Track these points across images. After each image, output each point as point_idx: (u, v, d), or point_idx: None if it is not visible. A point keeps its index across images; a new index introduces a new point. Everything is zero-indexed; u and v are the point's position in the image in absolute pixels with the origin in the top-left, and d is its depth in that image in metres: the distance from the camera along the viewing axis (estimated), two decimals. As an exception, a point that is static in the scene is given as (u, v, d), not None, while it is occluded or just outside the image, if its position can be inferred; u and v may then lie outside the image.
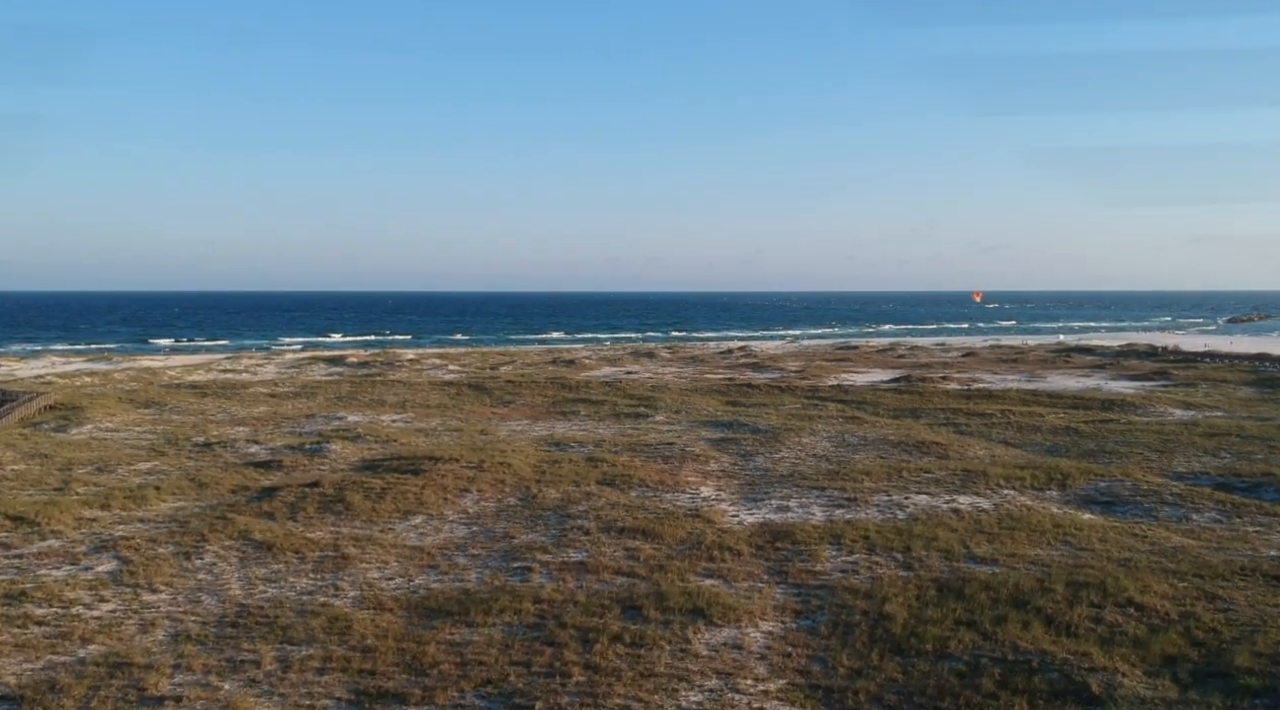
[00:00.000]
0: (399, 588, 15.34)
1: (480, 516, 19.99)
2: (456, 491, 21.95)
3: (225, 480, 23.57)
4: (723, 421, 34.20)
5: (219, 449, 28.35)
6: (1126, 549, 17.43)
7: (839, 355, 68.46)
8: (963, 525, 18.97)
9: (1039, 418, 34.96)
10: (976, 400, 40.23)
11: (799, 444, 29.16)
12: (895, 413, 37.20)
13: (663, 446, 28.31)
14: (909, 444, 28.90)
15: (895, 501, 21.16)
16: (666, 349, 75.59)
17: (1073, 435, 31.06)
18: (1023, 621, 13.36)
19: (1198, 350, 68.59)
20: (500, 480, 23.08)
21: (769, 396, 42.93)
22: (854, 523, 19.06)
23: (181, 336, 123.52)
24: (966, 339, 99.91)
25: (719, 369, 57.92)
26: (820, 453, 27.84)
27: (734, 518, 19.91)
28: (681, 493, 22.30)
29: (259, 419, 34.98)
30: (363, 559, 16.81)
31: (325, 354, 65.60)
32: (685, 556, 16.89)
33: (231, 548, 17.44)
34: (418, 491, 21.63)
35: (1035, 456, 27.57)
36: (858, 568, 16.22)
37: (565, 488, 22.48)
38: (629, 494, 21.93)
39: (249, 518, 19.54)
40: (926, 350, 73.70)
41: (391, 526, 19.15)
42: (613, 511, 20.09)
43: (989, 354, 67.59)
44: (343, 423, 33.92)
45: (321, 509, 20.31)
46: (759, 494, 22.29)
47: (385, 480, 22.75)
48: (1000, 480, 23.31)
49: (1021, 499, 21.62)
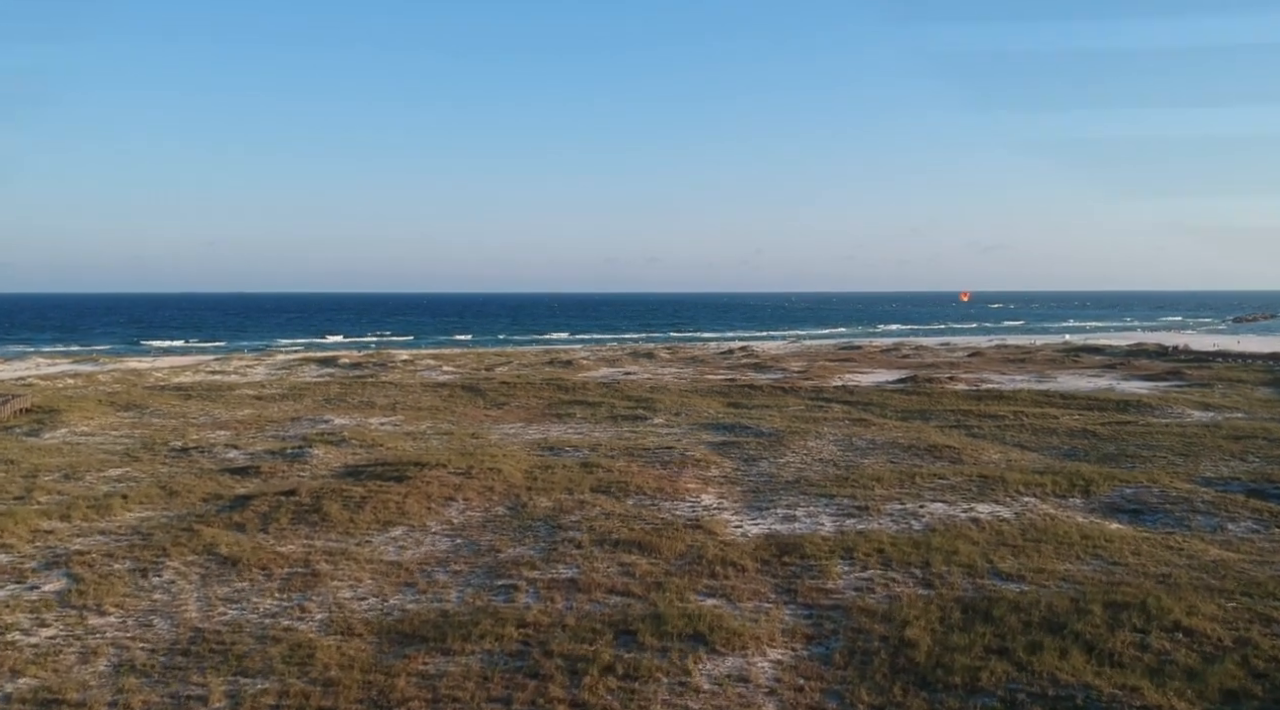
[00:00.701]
0: (371, 609, 14.00)
1: (465, 528, 18.65)
2: (441, 500, 20.61)
3: (198, 488, 22.24)
4: (724, 424, 32.86)
5: (196, 454, 27.02)
6: (1163, 563, 16.09)
7: (842, 355, 67.05)
8: (984, 537, 17.63)
9: (1053, 419, 33.62)
10: (987, 401, 38.86)
11: (804, 448, 27.82)
12: (903, 414, 35.84)
13: (661, 451, 26.98)
14: (920, 448, 27.55)
15: (910, 510, 19.81)
16: (666, 349, 74.18)
17: (1090, 438, 29.71)
18: (1060, 649, 12.02)
19: (1209, 350, 67.20)
20: (489, 488, 21.74)
21: (772, 398, 41.57)
22: (867, 534, 17.72)
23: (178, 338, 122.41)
24: (971, 339, 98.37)
25: (720, 369, 56.57)
26: (827, 457, 26.49)
27: (737, 529, 18.57)
28: (681, 501, 20.96)
29: (242, 422, 33.65)
30: (335, 576, 15.47)
31: (317, 355, 64.20)
32: (685, 573, 15.56)
33: (194, 563, 16.10)
34: (400, 500, 20.29)
35: (1053, 461, 26.23)
36: (873, 585, 14.88)
37: (557, 496, 21.14)
38: (625, 503, 20.59)
39: (217, 529, 18.21)
40: (931, 350, 72.31)
41: (369, 539, 17.81)
42: (607, 522, 18.76)
43: (995, 354, 66.19)
44: (328, 426, 32.59)
45: (296, 520, 18.97)
46: (763, 502, 20.95)
47: (367, 488, 21.41)
48: (1019, 487, 21.98)
49: (1043, 507, 20.29)
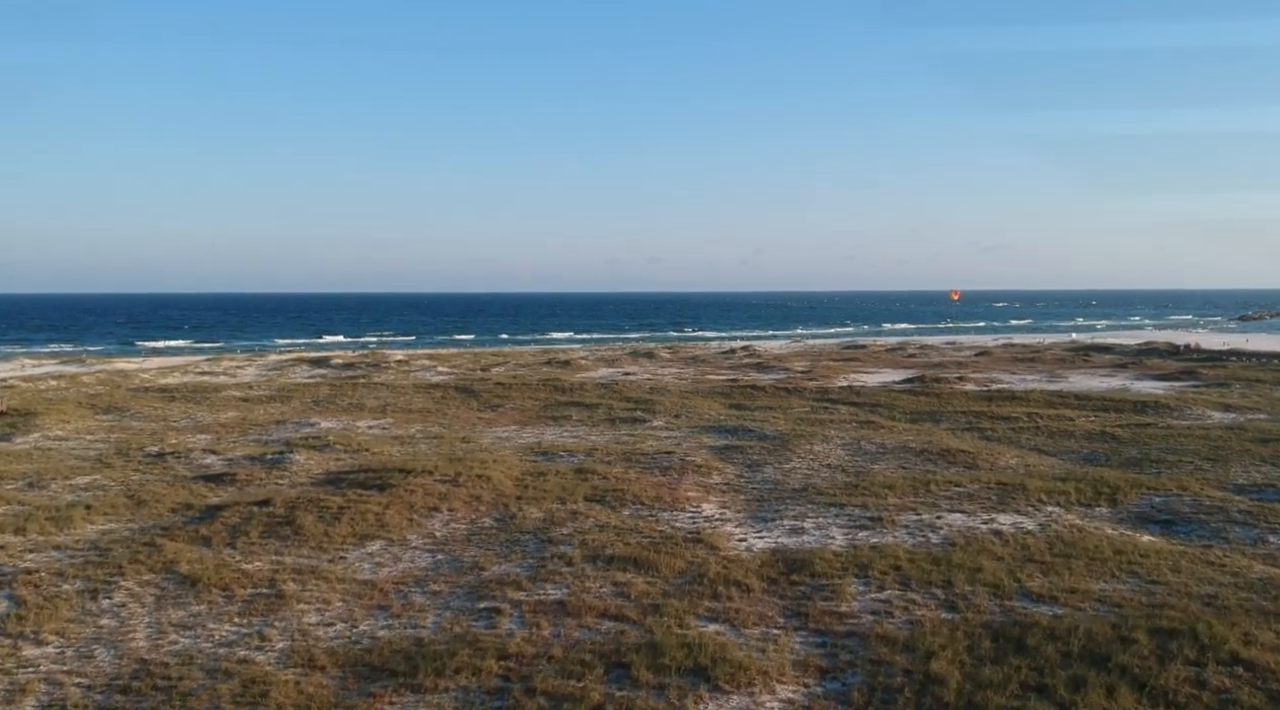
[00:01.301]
0: (338, 637, 12.67)
1: (448, 541, 17.32)
2: (425, 511, 19.28)
3: (168, 497, 20.92)
4: (726, 427, 31.52)
5: (171, 460, 25.70)
6: (1206, 582, 14.75)
7: (847, 355, 65.69)
8: (1009, 552, 16.29)
9: (1069, 422, 32.27)
10: (999, 402, 37.51)
11: (811, 452, 26.48)
12: (913, 416, 34.50)
13: (660, 456, 25.65)
14: (933, 452, 26.21)
15: (926, 522, 18.47)
16: (666, 349, 72.81)
17: (1110, 441, 28.37)
18: (1106, 686, 10.68)
19: (1220, 349, 65.81)
20: (476, 497, 20.42)
21: (775, 399, 40.23)
22: (881, 549, 16.38)
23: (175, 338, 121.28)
24: (977, 338, 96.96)
25: (721, 369, 55.22)
26: (835, 462, 25.15)
27: (741, 542, 17.23)
28: (680, 511, 19.63)
29: (224, 426, 32.34)
30: (301, 598, 14.15)
31: (310, 355, 62.87)
32: (684, 593, 14.23)
33: (150, 583, 14.79)
34: (380, 511, 18.97)
35: (1074, 466, 24.88)
36: (892, 608, 13.54)
37: (549, 505, 19.82)
38: (621, 513, 19.26)
39: (181, 544, 16.90)
40: (937, 349, 70.93)
41: (344, 555, 16.49)
42: (601, 535, 17.43)
43: (1003, 353, 64.83)
44: (314, 429, 31.26)
45: (267, 533, 17.66)
46: (769, 512, 19.61)
47: (346, 497, 20.09)
48: (1041, 495, 20.63)
49: (1069, 517, 18.94)
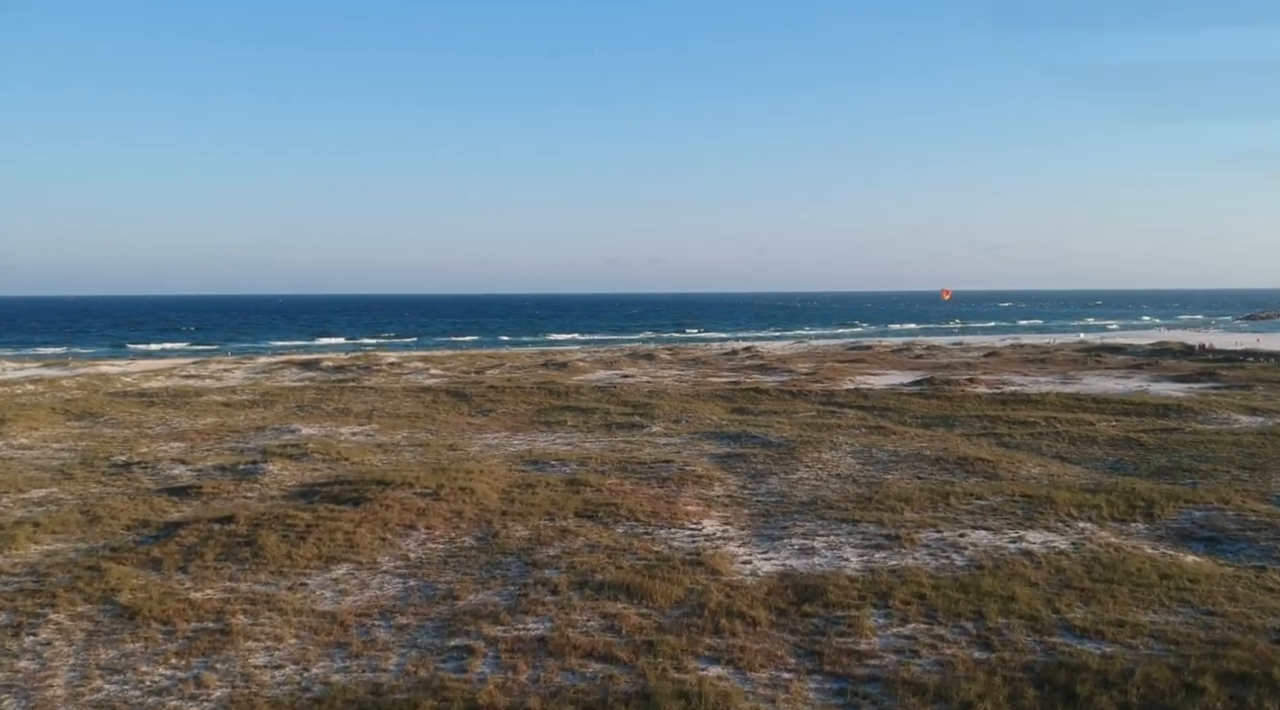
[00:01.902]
0: (285, 683, 11.08)
1: (423, 564, 15.72)
2: (400, 528, 17.69)
3: (125, 513, 19.34)
4: (728, 433, 29.90)
5: (138, 471, 24.12)
6: (1270, 613, 13.12)
7: (852, 356, 64.04)
8: (1043, 576, 14.68)
9: (1089, 426, 30.63)
10: (1014, 406, 35.86)
11: (819, 461, 24.87)
12: (925, 421, 32.87)
13: (658, 465, 24.04)
14: (949, 460, 24.59)
15: (949, 540, 16.85)
16: (667, 350, 71.18)
17: (1136, 448, 26.73)
18: (1178, 749, 9.10)
19: (1235, 349, 64.13)
20: (457, 512, 18.82)
21: (779, 402, 38.60)
22: (902, 573, 14.77)
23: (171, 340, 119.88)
24: (984, 338, 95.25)
25: (723, 372, 53.60)
26: (845, 472, 23.53)
27: (745, 565, 15.62)
28: (679, 528, 18.02)
29: (201, 432, 30.75)
30: (251, 633, 12.55)
31: (301, 358, 61.28)
32: (683, 628, 12.63)
33: (83, 617, 13.20)
34: (350, 530, 17.37)
35: (1100, 475, 23.26)
36: (918, 646, 11.93)
37: (536, 522, 18.22)
38: (614, 531, 17.66)
39: (128, 568, 15.33)
40: (944, 350, 69.27)
41: (305, 580, 14.88)
42: (591, 557, 15.83)
43: (1012, 354, 63.16)
44: (294, 436, 29.67)
45: (224, 555, 16.07)
46: (775, 529, 18.00)
47: (316, 513, 18.51)
48: (1071, 509, 19.01)
49: (1103, 535, 17.32)
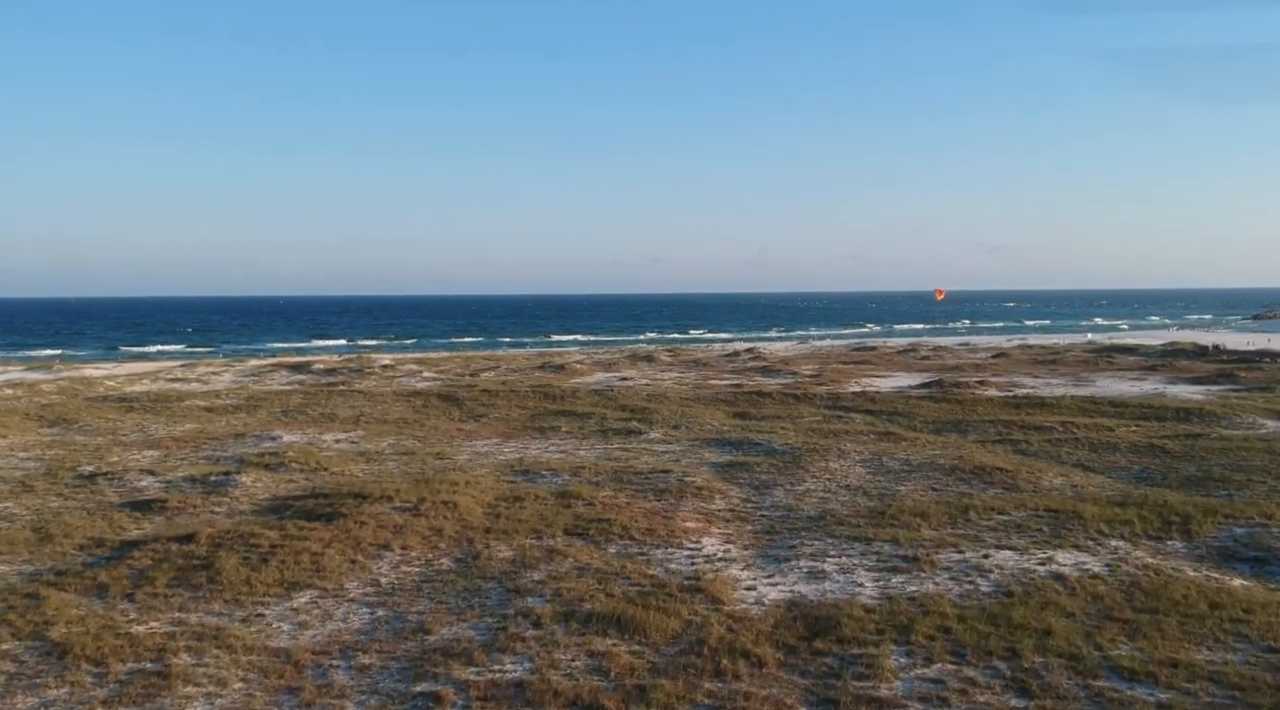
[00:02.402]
0: (221, 740, 9.67)
1: (394, 591, 14.29)
2: (373, 549, 16.27)
3: (81, 530, 17.94)
4: (730, 439, 28.46)
5: (103, 483, 22.71)
6: (1340, 649, 11.68)
7: (857, 357, 62.55)
8: (1079, 605, 13.23)
9: (1109, 432, 29.18)
10: (1028, 410, 34.41)
11: (826, 470, 23.43)
12: (936, 426, 31.42)
13: (656, 475, 22.61)
14: (965, 470, 23.14)
15: (972, 562, 15.40)
16: (667, 352, 69.74)
17: (1161, 456, 25.28)
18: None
19: (1248, 349, 62.63)
20: (437, 529, 17.39)
21: (783, 406, 37.16)
22: (923, 601, 13.33)
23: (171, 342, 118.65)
24: (991, 339, 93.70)
25: (724, 374, 52.18)
26: (855, 482, 22.09)
27: (749, 592, 14.18)
28: (677, 547, 16.59)
29: (178, 440, 29.34)
30: (192, 676, 11.13)
31: (292, 360, 59.89)
32: (679, 669, 11.20)
33: (7, 655, 11.79)
34: (319, 550, 15.96)
35: (1127, 486, 21.81)
36: (946, 692, 10.50)
37: (522, 541, 16.79)
38: (606, 551, 16.23)
39: (70, 596, 13.94)
40: (951, 351, 67.77)
41: (262, 610, 13.47)
42: (580, 582, 14.40)
43: (1021, 355, 61.67)
44: (274, 444, 28.26)
45: (177, 580, 14.65)
46: (781, 548, 16.56)
47: (284, 531, 17.10)
48: (1101, 525, 17.56)
49: (1138, 555, 15.88)
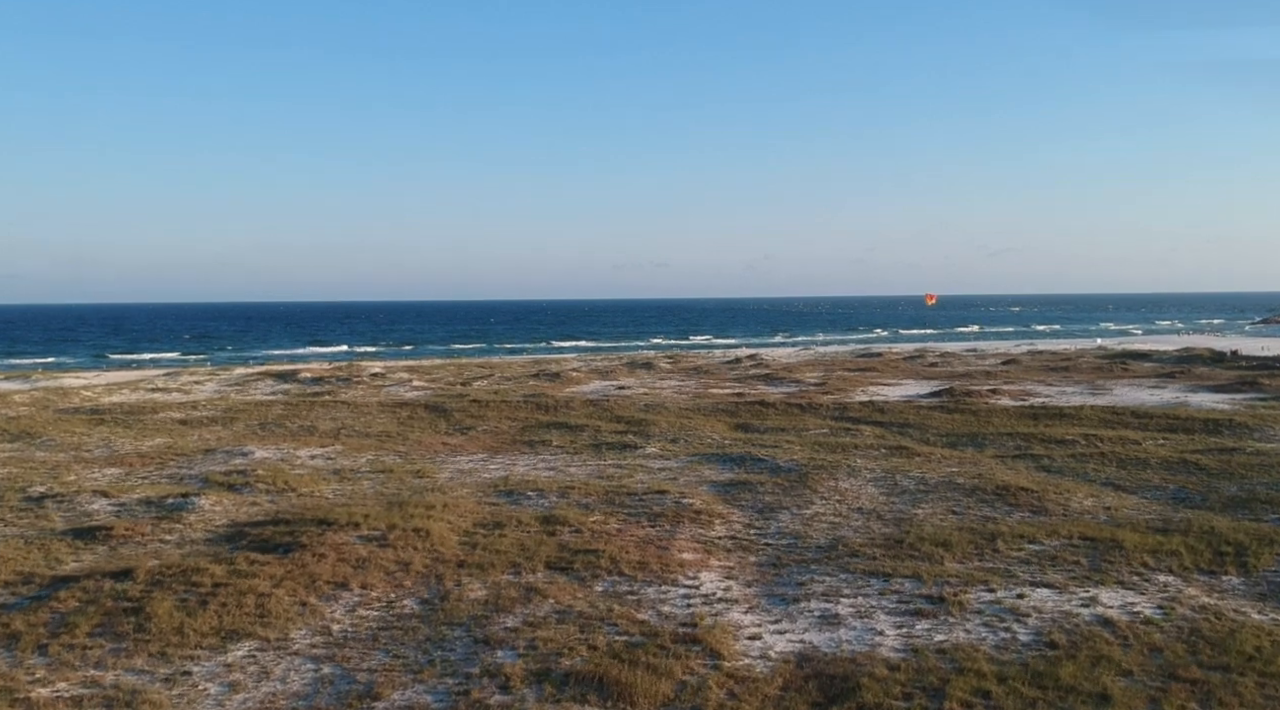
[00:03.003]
0: None
1: (346, 641, 12.49)
2: (329, 587, 14.48)
3: (12, 563, 16.17)
4: (731, 455, 26.65)
5: (51, 506, 20.92)
6: None
7: (862, 364, 60.69)
8: (1135, 660, 11.42)
9: (1135, 446, 27.37)
10: (1047, 421, 32.57)
11: (835, 490, 21.62)
12: (950, 439, 29.60)
13: (650, 497, 20.81)
14: (986, 490, 21.31)
15: (1006, 604, 13.58)
16: (667, 359, 67.94)
17: (1197, 473, 23.45)
18: None
19: (1265, 355, 60.74)
20: (404, 563, 15.61)
21: (787, 417, 35.35)
22: (954, 656, 11.52)
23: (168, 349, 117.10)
24: (999, 344, 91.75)
25: (726, 382, 50.37)
26: (868, 505, 20.26)
27: (753, 641, 12.37)
28: (672, 584, 14.79)
29: (144, 456, 27.57)
30: (89, 757, 9.35)
31: (279, 368, 58.20)
32: (670, 748, 9.41)
33: (-123, 728, 10.02)
34: (268, 589, 14.17)
35: (1164, 508, 19.98)
36: (991, 783, 8.70)
37: (498, 576, 15.01)
38: (592, 590, 14.43)
39: (-26, 647, 12.15)
40: (959, 357, 65.91)
41: (190, 667, 11.67)
42: (559, 631, 12.60)
43: (1032, 361, 59.80)
44: (244, 461, 26.49)
45: (101, 628, 12.87)
46: (789, 585, 14.75)
47: (233, 566, 15.32)
48: (1145, 556, 15.76)
49: (1192, 592, 14.08)
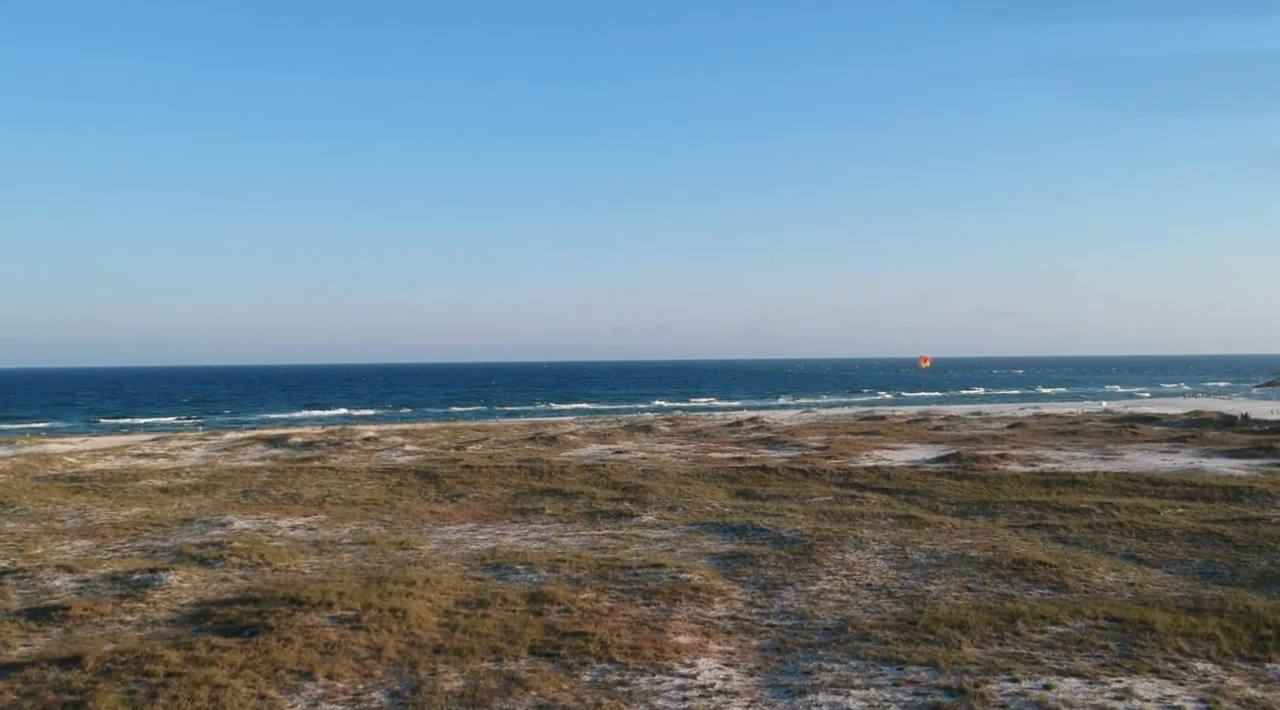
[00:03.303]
0: None
1: (304, 742, 11.28)
2: (292, 678, 13.27)
3: (-46, 647, 14.94)
4: (732, 524, 25.47)
5: (9, 583, 19.70)
6: None
7: (865, 427, 59.56)
8: (1185, 767, 10.20)
9: (1154, 514, 26.18)
10: (1059, 489, 31.39)
11: (842, 564, 20.42)
12: (960, 508, 28.41)
13: (646, 571, 19.62)
14: (1002, 564, 20.11)
15: (1032, 696, 12.36)
16: (666, 421, 66.86)
17: (1222, 545, 22.23)
18: None
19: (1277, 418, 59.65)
20: (376, 648, 14.41)
21: (790, 483, 34.18)
22: (980, 762, 10.30)
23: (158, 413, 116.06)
24: (1003, 407, 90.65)
25: (726, 445, 49.24)
26: (877, 580, 19.05)
27: (756, 742, 11.15)
28: (667, 674, 13.57)
29: (119, 527, 26.40)
30: None
31: (271, 432, 57.13)
32: None
33: None
34: (224, 680, 12.96)
35: (1193, 584, 18.76)
36: None
37: (477, 664, 13.80)
38: (578, 679, 13.22)
39: (-109, 749, 10.96)
40: (964, 420, 64.80)
41: (126, 774, 10.46)
42: (540, 729, 11.39)
43: (1038, 425, 58.68)
44: (222, 531, 25.32)
45: (34, 726, 11.66)
46: (795, 675, 13.54)
47: (191, 652, 14.13)
48: (1178, 640, 14.55)
49: (1235, 683, 12.86)
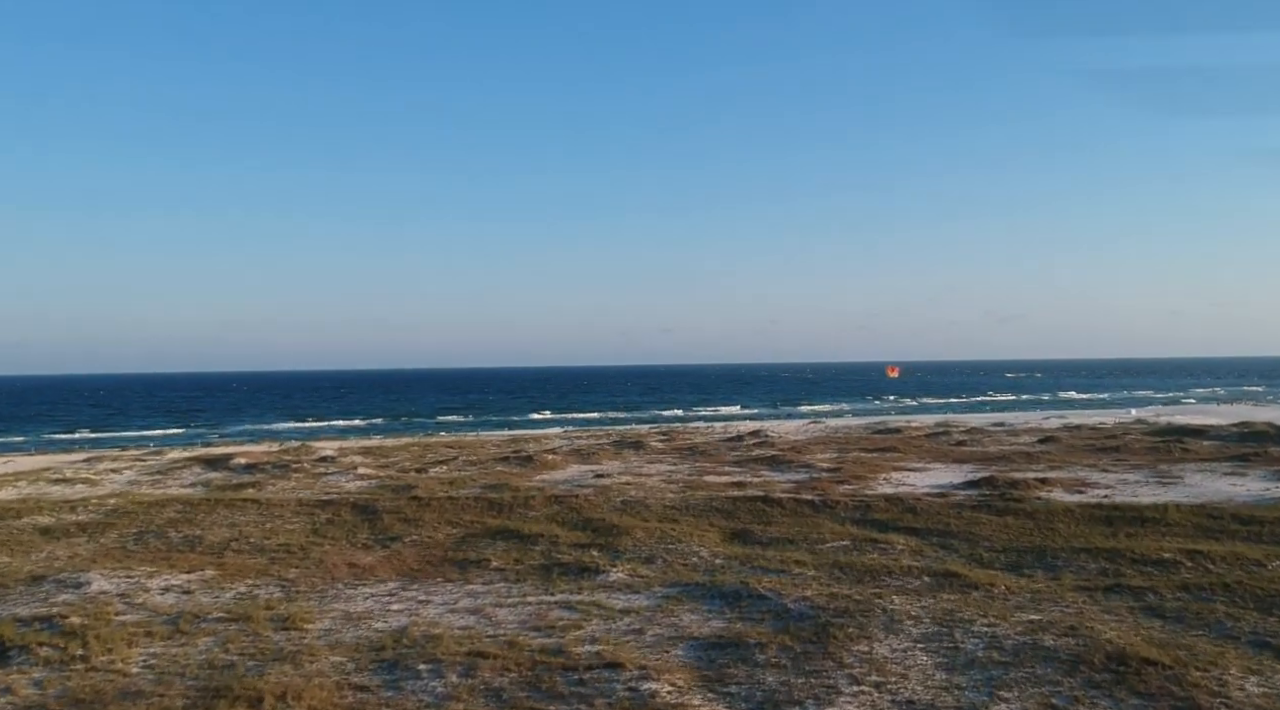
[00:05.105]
0: None
1: None
2: None
3: None
4: (722, 587, 19.80)
5: None
6: None
7: (880, 442, 53.71)
8: None
9: (1260, 569, 20.49)
10: (1127, 529, 25.62)
11: (870, 661, 14.74)
12: (1011, 558, 22.70)
13: (596, 676, 13.99)
14: (1094, 662, 14.38)
15: None
16: (660, 435, 61.17)
17: (1379, 622, 16.53)
18: None
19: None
20: None
21: (797, 521, 28.47)
22: None
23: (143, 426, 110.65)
24: (1026, 415, 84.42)
25: (724, 466, 43.56)
26: (921, 692, 13.36)
27: None
28: None
29: (-52, 586, 20.84)
30: None
31: (216, 452, 51.57)
32: None
33: None
34: None
35: (1375, 698, 13.06)
36: None
37: None
38: None
39: None
40: (988, 433, 58.98)
41: None
42: None
43: (1072, 438, 52.86)
44: (70, 596, 19.77)
45: None
46: None
47: None
48: None
49: None
